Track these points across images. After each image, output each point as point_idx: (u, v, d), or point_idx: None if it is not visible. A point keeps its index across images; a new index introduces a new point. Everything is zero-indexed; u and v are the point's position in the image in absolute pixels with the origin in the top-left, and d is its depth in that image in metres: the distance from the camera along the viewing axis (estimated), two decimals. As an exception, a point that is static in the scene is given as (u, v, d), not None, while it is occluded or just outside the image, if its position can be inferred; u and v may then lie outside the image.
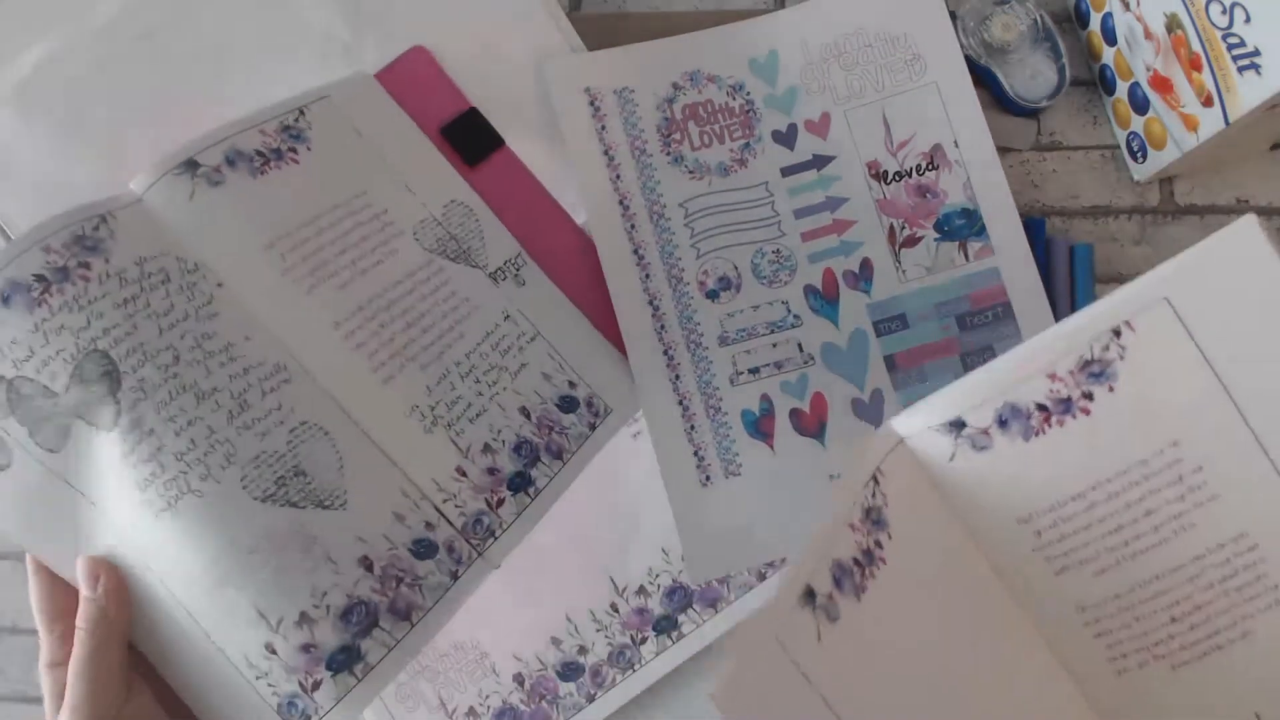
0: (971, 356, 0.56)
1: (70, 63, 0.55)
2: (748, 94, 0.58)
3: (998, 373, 0.42)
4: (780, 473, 0.54)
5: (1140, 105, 0.57)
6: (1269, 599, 0.43)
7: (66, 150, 0.55)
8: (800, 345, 0.56)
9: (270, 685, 0.41)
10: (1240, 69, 0.49)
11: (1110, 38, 0.58)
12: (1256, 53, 0.48)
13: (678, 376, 0.55)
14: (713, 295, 0.56)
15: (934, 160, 0.57)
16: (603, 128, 0.57)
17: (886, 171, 0.57)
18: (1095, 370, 0.41)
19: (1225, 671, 0.44)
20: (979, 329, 0.56)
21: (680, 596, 0.55)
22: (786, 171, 0.57)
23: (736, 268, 0.57)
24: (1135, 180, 0.60)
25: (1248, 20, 0.47)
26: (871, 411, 0.55)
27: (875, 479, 0.41)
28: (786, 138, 0.58)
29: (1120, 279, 0.59)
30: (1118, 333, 0.41)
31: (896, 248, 0.57)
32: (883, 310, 0.56)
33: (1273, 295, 0.40)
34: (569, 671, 0.55)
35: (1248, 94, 0.49)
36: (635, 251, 0.56)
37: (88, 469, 0.41)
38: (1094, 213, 0.60)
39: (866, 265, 0.56)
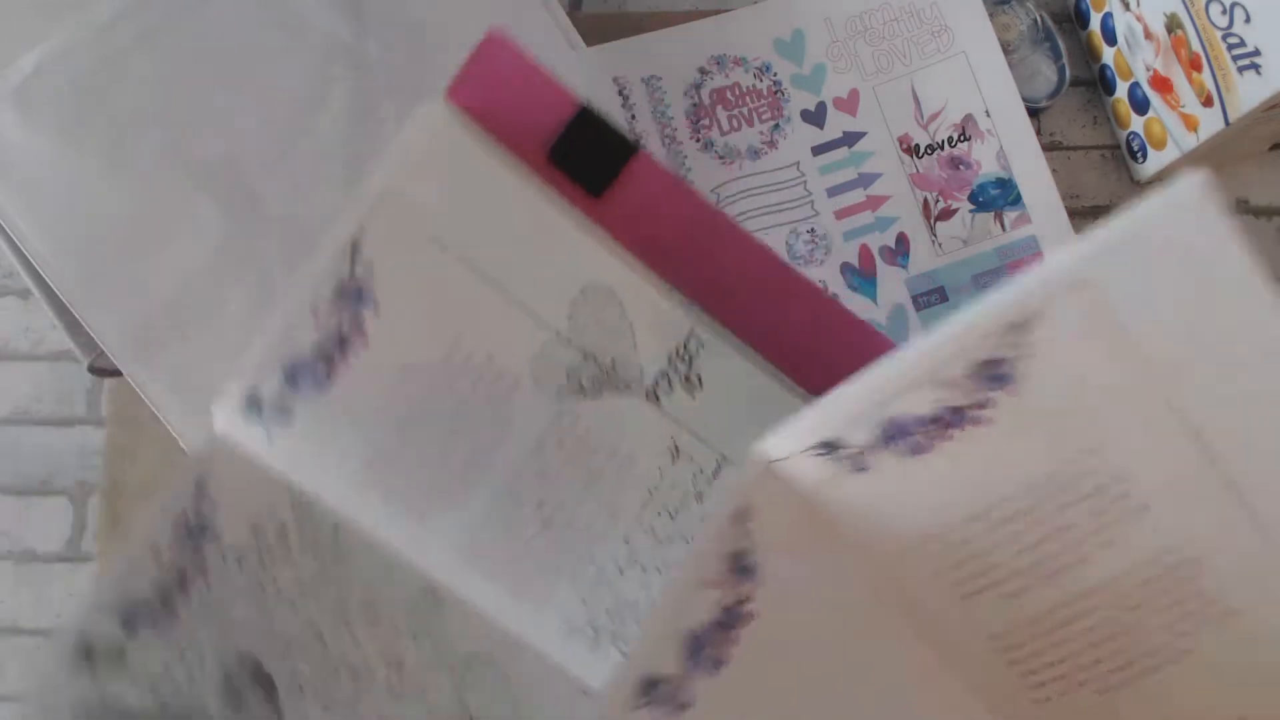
0: (1012, 326, 0.55)
1: (71, 62, 0.55)
2: (774, 75, 0.58)
3: (876, 383, 0.34)
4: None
5: (1140, 105, 0.57)
6: (1209, 613, 0.37)
7: (67, 150, 0.55)
8: (840, 324, 0.56)
9: None
10: (1240, 69, 0.49)
11: (1110, 38, 0.58)
12: (1256, 53, 0.48)
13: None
14: (749, 278, 0.57)
15: (966, 131, 0.57)
16: (633, 117, 0.57)
17: (918, 145, 0.57)
18: (995, 373, 0.34)
19: (1164, 694, 0.39)
20: (1019, 298, 0.56)
21: None
22: (817, 150, 0.57)
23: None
24: (1136, 180, 0.59)
25: (1248, 20, 0.47)
26: (914, 386, 0.55)
27: (743, 516, 0.34)
28: (816, 116, 0.58)
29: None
30: (1024, 326, 0.33)
31: (932, 221, 0.56)
32: (921, 284, 0.56)
33: (1218, 268, 0.31)
34: None
35: (1248, 94, 0.49)
36: (671, 239, 0.56)
37: None
38: (1095, 213, 0.60)
39: (902, 240, 0.56)
